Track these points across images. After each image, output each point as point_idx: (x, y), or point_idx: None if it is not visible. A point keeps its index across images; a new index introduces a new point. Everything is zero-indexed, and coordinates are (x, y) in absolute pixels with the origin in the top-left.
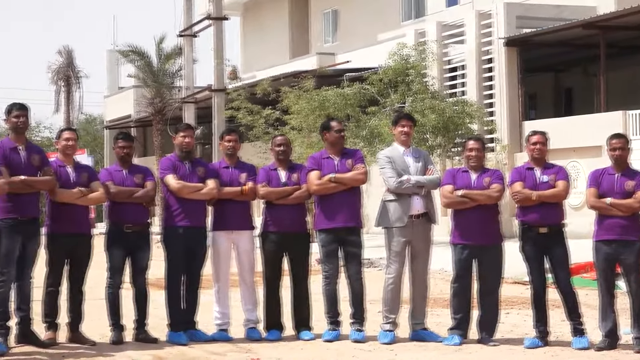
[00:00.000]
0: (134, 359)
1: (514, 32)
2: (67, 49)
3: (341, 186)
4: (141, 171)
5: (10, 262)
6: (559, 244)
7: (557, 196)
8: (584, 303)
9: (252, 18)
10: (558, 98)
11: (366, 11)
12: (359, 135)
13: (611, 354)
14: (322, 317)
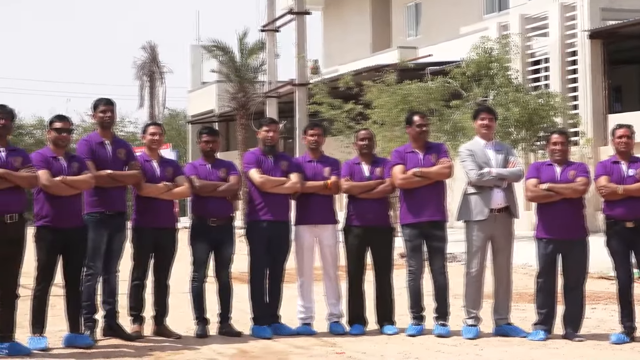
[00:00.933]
0: (219, 352)
1: (598, 24)
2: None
3: (426, 180)
4: (225, 165)
5: (97, 256)
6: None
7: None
8: None
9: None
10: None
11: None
12: (442, 129)
13: None
14: (404, 312)
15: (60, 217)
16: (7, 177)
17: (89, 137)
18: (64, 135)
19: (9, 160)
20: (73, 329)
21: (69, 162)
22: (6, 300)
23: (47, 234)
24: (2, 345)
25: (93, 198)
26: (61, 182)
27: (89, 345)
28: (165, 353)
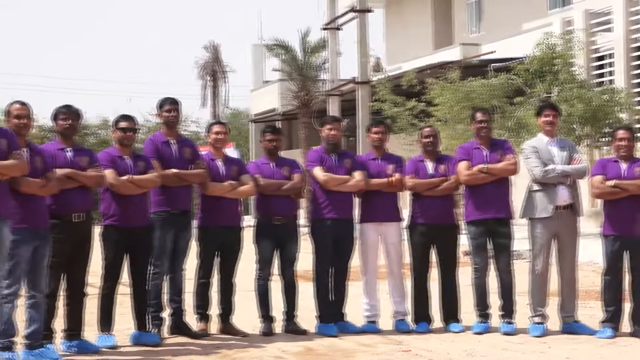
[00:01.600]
0: (284, 350)
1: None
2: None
3: (491, 177)
4: (288, 164)
5: (164, 255)
6: None
7: None
8: None
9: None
10: None
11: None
12: (505, 126)
13: None
14: (470, 309)
15: (126, 216)
16: (74, 176)
17: (155, 136)
18: (129, 135)
19: (76, 160)
20: (140, 327)
21: (135, 162)
22: (74, 299)
23: (113, 233)
24: (71, 343)
25: (159, 197)
26: (127, 181)
27: (156, 343)
28: (232, 351)
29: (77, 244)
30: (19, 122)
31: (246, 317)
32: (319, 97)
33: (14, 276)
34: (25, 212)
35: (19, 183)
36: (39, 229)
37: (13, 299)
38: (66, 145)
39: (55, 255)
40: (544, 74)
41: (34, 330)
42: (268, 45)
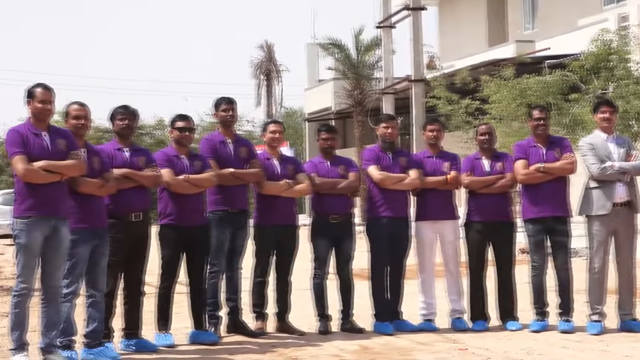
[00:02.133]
0: (341, 348)
1: None
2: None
3: (548, 176)
4: (344, 162)
5: (220, 254)
6: None
7: None
8: None
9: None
10: None
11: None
12: (561, 123)
13: None
14: (526, 308)
15: (183, 216)
16: (131, 176)
17: (211, 135)
18: (186, 134)
19: (133, 160)
20: (197, 326)
21: (192, 161)
22: (132, 298)
23: (170, 232)
24: (129, 342)
25: (216, 196)
26: (184, 180)
27: (213, 342)
28: (288, 349)
29: (135, 243)
30: (77, 122)
31: (302, 315)
32: (373, 96)
33: (73, 275)
34: (83, 212)
35: (77, 183)
36: (97, 229)
37: (72, 298)
38: (124, 145)
39: (113, 254)
40: (600, 71)
41: (93, 329)
42: (322, 44)
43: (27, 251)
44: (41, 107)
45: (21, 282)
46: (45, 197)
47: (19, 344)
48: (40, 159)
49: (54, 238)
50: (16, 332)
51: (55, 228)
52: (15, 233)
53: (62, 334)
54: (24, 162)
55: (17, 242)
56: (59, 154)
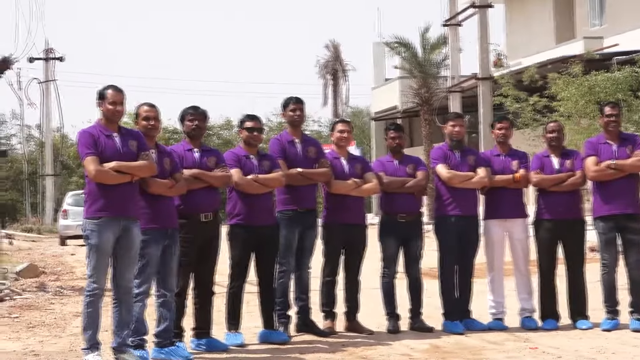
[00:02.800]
0: (412, 347)
1: None
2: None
3: (619, 173)
4: (413, 161)
5: (290, 253)
6: None
7: None
8: None
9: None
10: None
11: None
12: (631, 120)
13: None
14: (598, 306)
15: (252, 215)
16: (201, 177)
17: (280, 135)
18: (255, 135)
19: (203, 160)
20: (267, 325)
21: (260, 161)
22: (203, 298)
23: (240, 232)
24: (200, 341)
25: (285, 196)
26: (253, 180)
27: (283, 341)
28: (358, 349)
29: (206, 243)
30: (148, 123)
31: (372, 314)
32: (440, 94)
33: (144, 275)
34: (154, 212)
35: (148, 184)
36: (168, 229)
37: (144, 298)
38: (194, 146)
39: (184, 254)
40: None
41: (164, 328)
42: (388, 43)
43: (99, 251)
44: (112, 109)
45: (93, 282)
46: (116, 198)
47: (91, 344)
48: (112, 160)
49: (125, 238)
50: (89, 332)
51: (126, 228)
52: (86, 234)
53: (134, 334)
54: (95, 163)
55: (88, 243)
56: (130, 154)
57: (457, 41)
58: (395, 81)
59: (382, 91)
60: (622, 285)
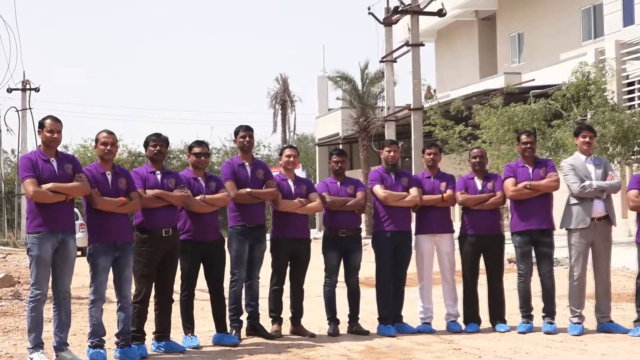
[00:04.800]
0: (349, 349)
1: None
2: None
3: (535, 192)
4: (353, 182)
5: (241, 264)
6: None
7: None
8: None
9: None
10: None
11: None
12: (545, 146)
13: None
14: (515, 311)
15: (200, 232)
16: (162, 196)
17: (232, 159)
18: (202, 159)
19: (164, 181)
20: (220, 329)
21: (207, 182)
22: (162, 305)
23: (189, 247)
24: (160, 343)
25: (236, 213)
26: (201, 200)
27: (234, 344)
28: (302, 350)
29: (166, 256)
30: (105, 148)
31: (314, 319)
32: (377, 123)
33: (96, 283)
34: (104, 227)
35: (95, 202)
36: (118, 243)
37: (99, 304)
38: (156, 169)
39: (146, 265)
40: (579, 99)
41: (121, 330)
42: (331, 77)
43: (40, 262)
44: (50, 136)
45: (36, 289)
46: (53, 215)
47: (35, 343)
48: (49, 182)
49: (63, 249)
50: (33, 334)
51: (63, 241)
52: (28, 247)
53: (93, 335)
54: (33, 184)
55: (30, 255)
56: (66, 176)
57: (393, 76)
58: (337, 111)
59: (326, 120)
60: (535, 292)
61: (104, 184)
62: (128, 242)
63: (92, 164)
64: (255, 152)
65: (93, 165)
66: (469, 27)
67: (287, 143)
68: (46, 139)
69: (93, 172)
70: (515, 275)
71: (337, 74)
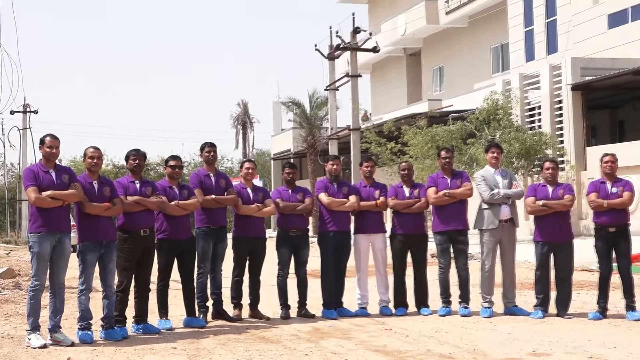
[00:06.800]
0: (298, 330)
1: (578, 79)
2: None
3: (452, 199)
4: (302, 190)
5: (206, 259)
6: (624, 240)
7: (623, 204)
8: (638, 285)
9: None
10: (613, 128)
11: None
12: (461, 161)
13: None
14: (437, 298)
15: (174, 232)
16: (141, 202)
17: (198, 171)
18: (177, 171)
19: (143, 190)
20: (189, 313)
21: (180, 190)
22: (141, 293)
23: (165, 244)
24: (139, 326)
25: (202, 216)
26: (175, 205)
27: (202, 326)
28: (259, 331)
29: (144, 252)
30: (92, 161)
31: (269, 305)
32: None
33: (84, 276)
34: (92, 228)
35: (85, 207)
36: (103, 241)
37: (87, 293)
38: (135, 179)
39: (127, 260)
40: (490, 122)
41: (105, 315)
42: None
43: (40, 257)
44: (49, 151)
45: (36, 281)
46: (52, 218)
47: (33, 326)
48: (48, 190)
49: (59, 247)
50: (31, 318)
51: (60, 240)
52: (30, 244)
53: (82, 319)
54: (35, 192)
55: (32, 251)
56: (62, 185)
57: (335, 101)
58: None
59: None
60: (453, 282)
61: (92, 191)
62: (112, 241)
63: (81, 174)
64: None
65: (82, 175)
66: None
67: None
68: (46, 153)
69: (82, 181)
70: (436, 268)
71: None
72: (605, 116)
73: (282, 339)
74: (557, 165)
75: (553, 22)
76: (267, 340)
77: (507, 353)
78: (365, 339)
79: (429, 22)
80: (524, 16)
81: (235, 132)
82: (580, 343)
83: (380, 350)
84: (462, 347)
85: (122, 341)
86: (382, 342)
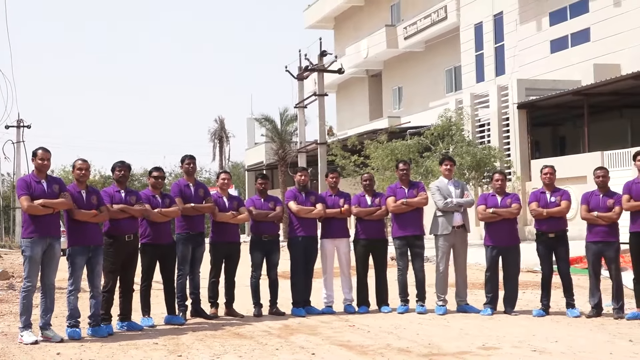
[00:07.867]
0: (270, 326)
1: (523, 99)
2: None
3: (410, 207)
4: (273, 199)
5: (185, 262)
6: (563, 244)
7: (561, 212)
8: (576, 285)
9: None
10: (555, 143)
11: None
12: (418, 173)
13: (597, 320)
14: (396, 297)
15: (157, 237)
16: (126, 210)
17: (179, 181)
18: (159, 181)
19: (127, 198)
20: (170, 312)
21: (163, 199)
22: (125, 293)
23: (148, 249)
24: (123, 323)
25: (182, 223)
26: (158, 212)
27: (181, 323)
28: (233, 327)
29: (128, 255)
30: (80, 172)
31: (243, 304)
32: (292, 154)
33: (73, 277)
34: (80, 233)
35: (74, 214)
36: (91, 245)
37: (75, 293)
38: (121, 188)
39: (113, 263)
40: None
41: (92, 314)
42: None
43: (32, 260)
44: (41, 163)
45: (28, 282)
46: (43, 224)
47: (25, 324)
48: (40, 198)
49: (50, 251)
50: (24, 316)
51: (50, 244)
52: (23, 248)
53: (70, 317)
54: (27, 200)
55: (24, 255)
56: (53, 194)
57: (304, 118)
58: (262, 144)
59: (253, 151)
60: (411, 283)
61: (80, 200)
62: (99, 245)
63: (70, 184)
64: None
65: (71, 185)
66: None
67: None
68: (38, 165)
69: (71, 190)
70: (395, 270)
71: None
72: (547, 132)
73: (255, 335)
74: (505, 176)
75: (501, 47)
76: (241, 336)
77: (459, 347)
78: (331, 335)
79: (389, 46)
80: (475, 41)
81: (212, 145)
82: (526, 338)
83: (345, 345)
84: (419, 341)
85: (107, 337)
86: (346, 337)
